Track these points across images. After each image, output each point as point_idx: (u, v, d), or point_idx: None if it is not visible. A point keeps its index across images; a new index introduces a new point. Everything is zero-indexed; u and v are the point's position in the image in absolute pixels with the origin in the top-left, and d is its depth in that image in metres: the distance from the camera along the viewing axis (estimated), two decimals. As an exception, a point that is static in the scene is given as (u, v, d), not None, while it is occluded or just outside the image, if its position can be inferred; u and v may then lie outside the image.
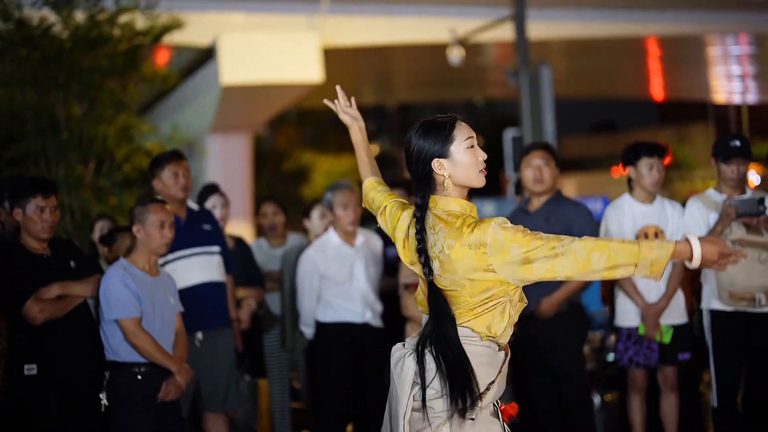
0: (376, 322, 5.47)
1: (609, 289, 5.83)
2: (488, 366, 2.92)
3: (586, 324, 5.55)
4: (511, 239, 2.85)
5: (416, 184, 3.03)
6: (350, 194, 5.44)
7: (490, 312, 2.93)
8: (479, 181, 3.01)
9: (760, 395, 5.38)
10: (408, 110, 37.46)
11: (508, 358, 3.00)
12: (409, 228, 3.06)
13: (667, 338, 5.36)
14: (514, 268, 2.86)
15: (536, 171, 5.41)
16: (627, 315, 5.43)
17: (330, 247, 5.46)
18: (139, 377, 4.51)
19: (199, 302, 5.20)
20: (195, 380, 5.08)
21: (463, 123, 3.03)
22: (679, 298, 5.46)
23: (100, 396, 4.51)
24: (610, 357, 7.20)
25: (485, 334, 2.93)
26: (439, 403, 2.90)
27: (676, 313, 5.43)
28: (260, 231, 6.95)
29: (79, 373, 4.61)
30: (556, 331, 5.31)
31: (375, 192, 3.37)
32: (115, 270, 4.56)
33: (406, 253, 3.06)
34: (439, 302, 2.94)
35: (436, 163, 2.98)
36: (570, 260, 2.85)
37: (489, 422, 2.93)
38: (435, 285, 2.94)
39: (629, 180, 6.04)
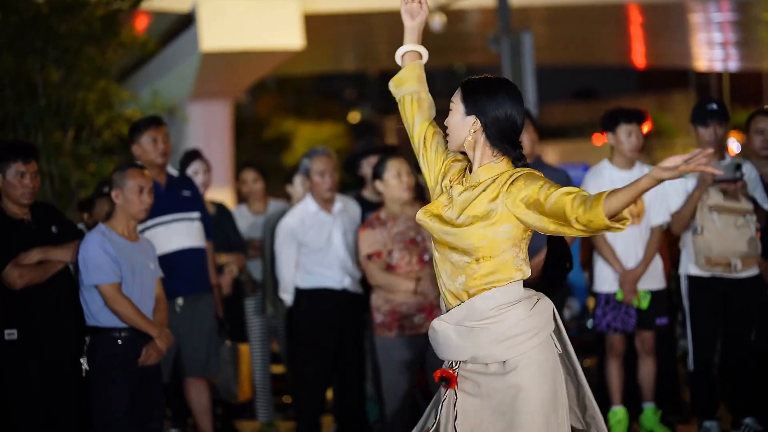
0: (355, 288, 5.48)
1: (588, 254, 5.86)
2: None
3: (565, 290, 5.59)
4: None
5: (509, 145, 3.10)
6: (327, 160, 5.43)
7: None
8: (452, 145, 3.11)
9: (735, 359, 5.46)
10: (388, 77, 37.34)
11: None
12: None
13: (644, 303, 5.41)
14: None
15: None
16: (605, 280, 5.47)
17: (307, 214, 5.46)
18: (120, 342, 4.52)
19: (179, 268, 5.20)
20: (175, 345, 5.10)
21: (458, 89, 3.11)
22: (657, 264, 5.50)
23: (81, 361, 4.52)
24: (589, 323, 7.27)
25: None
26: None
27: (653, 279, 5.48)
28: (240, 197, 6.95)
29: (59, 338, 4.62)
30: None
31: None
32: (94, 235, 4.55)
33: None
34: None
35: (471, 119, 3.08)
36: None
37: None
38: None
39: (612, 147, 6.07)
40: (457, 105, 3.09)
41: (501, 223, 2.99)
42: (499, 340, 2.98)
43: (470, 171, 3.09)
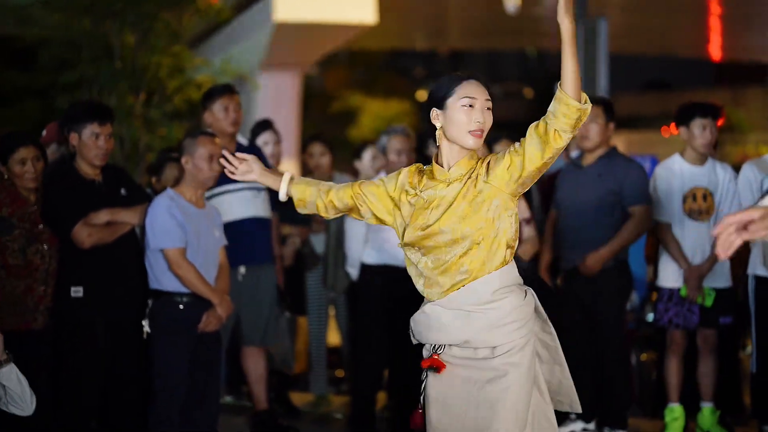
0: (420, 267, 5.47)
1: (654, 248, 5.78)
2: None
3: (630, 282, 5.52)
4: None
5: (429, 131, 3.17)
6: (405, 140, 5.41)
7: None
8: (468, 142, 3.06)
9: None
10: (459, 57, 37.11)
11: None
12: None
13: (709, 301, 5.32)
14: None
15: (582, 127, 5.31)
16: (670, 276, 5.39)
17: (380, 190, 5.46)
18: (181, 307, 4.57)
19: (243, 237, 5.24)
20: (235, 314, 5.15)
21: (475, 83, 3.08)
22: (724, 262, 5.41)
23: (143, 323, 4.60)
24: (649, 317, 7.17)
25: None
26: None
27: (719, 277, 5.38)
28: (306, 170, 6.97)
29: (123, 298, 4.70)
30: (601, 288, 5.29)
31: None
32: (162, 200, 4.60)
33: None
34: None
35: (433, 113, 3.09)
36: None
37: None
38: None
39: (684, 141, 5.96)
40: (491, 111, 3.12)
41: (490, 200, 3.05)
42: (495, 326, 3.05)
43: (439, 165, 3.12)
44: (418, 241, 3.11)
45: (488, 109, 3.08)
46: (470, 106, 3.04)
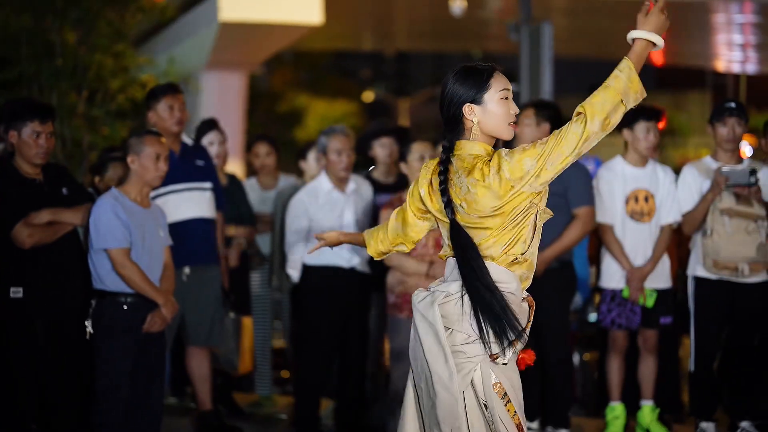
0: (363, 268, 5.49)
1: (596, 249, 5.86)
2: (519, 314, 2.96)
3: (573, 282, 5.59)
4: (520, 158, 2.93)
5: (445, 127, 3.07)
6: (345, 140, 5.42)
7: (520, 229, 2.98)
8: (508, 134, 3.04)
9: (735, 362, 5.46)
10: (405, 59, 37.22)
11: (533, 310, 3.04)
12: (432, 176, 3.08)
13: (650, 302, 5.41)
14: (534, 179, 2.93)
15: (522, 129, 5.38)
16: (612, 277, 5.47)
17: (321, 191, 5.45)
18: (125, 307, 4.53)
19: (188, 237, 5.21)
20: (180, 314, 5.12)
21: (501, 74, 3.04)
22: (665, 263, 5.50)
23: (86, 323, 4.54)
24: (592, 317, 7.27)
25: (513, 259, 2.97)
26: (472, 348, 2.93)
27: (660, 278, 5.48)
28: (251, 170, 6.94)
29: (65, 299, 4.64)
30: (544, 289, 5.34)
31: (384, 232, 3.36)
32: (107, 199, 4.55)
33: (433, 199, 3.08)
34: (460, 236, 2.97)
35: (467, 108, 3.01)
36: (571, 139, 2.92)
37: (513, 369, 2.98)
38: (456, 222, 2.98)
39: (627, 143, 6.05)
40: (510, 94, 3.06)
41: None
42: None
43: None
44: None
45: (508, 98, 3.05)
46: (506, 98, 3.02)
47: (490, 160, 2.97)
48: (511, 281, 2.97)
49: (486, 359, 2.92)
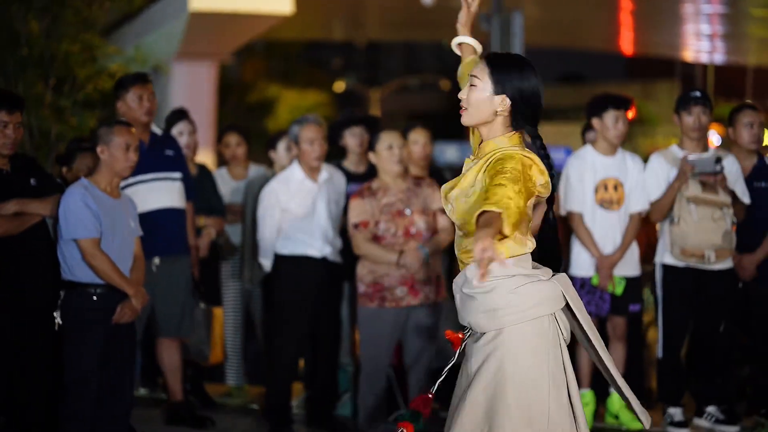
0: (335, 258, 5.49)
1: (565, 238, 5.90)
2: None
3: None
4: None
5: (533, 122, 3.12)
6: (317, 129, 5.41)
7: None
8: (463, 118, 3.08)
9: (702, 349, 5.53)
10: (376, 49, 37.17)
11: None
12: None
13: (619, 290, 5.46)
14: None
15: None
16: (582, 265, 5.51)
17: (293, 181, 5.44)
18: (95, 298, 4.50)
19: (158, 228, 5.19)
20: (150, 305, 5.10)
21: (481, 64, 3.06)
22: (633, 251, 5.55)
23: (54, 315, 4.51)
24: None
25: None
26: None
27: (629, 266, 5.53)
28: (222, 161, 6.91)
29: (33, 291, 4.60)
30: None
31: None
32: (76, 189, 4.52)
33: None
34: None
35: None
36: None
37: None
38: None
39: (583, 132, 6.11)
40: (483, 83, 3.03)
41: (480, 194, 2.98)
42: (484, 310, 3.00)
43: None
44: (450, 209, 3.13)
45: (472, 85, 3.03)
46: (473, 85, 3.03)
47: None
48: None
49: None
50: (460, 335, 3.08)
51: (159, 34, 16.84)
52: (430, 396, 3.09)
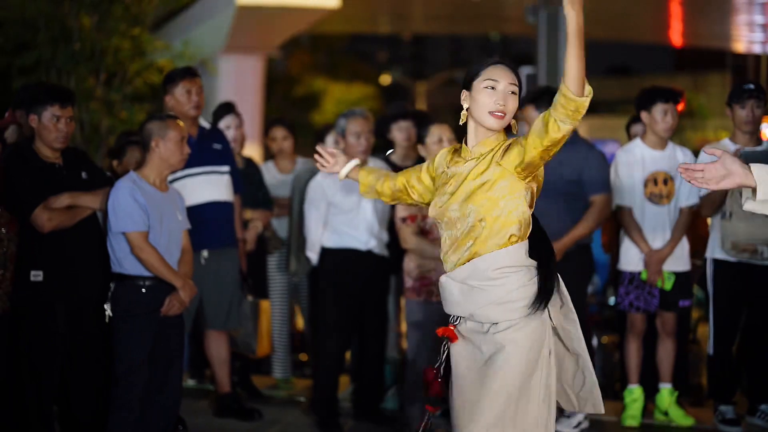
0: (381, 251, 5.49)
1: (611, 236, 5.84)
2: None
3: (591, 266, 5.57)
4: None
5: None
6: (364, 122, 5.40)
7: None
8: (489, 122, 3.18)
9: (754, 345, 5.44)
10: (422, 42, 37.12)
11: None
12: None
13: (668, 285, 5.39)
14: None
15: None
16: (631, 260, 5.45)
17: (339, 174, 5.44)
18: (144, 290, 4.55)
19: (206, 221, 5.22)
20: (198, 297, 5.14)
21: (502, 67, 3.18)
22: (684, 246, 5.47)
23: (105, 307, 4.56)
24: (611, 300, 7.25)
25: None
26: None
27: (679, 261, 5.45)
28: (268, 154, 6.94)
29: (84, 283, 4.66)
30: (562, 272, 5.30)
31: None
32: (125, 183, 4.56)
33: None
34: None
35: (463, 94, 3.21)
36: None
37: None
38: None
39: (628, 126, 6.03)
40: (518, 91, 3.21)
41: (497, 181, 3.14)
42: (496, 302, 3.13)
43: (465, 144, 3.26)
44: (438, 216, 3.25)
45: (512, 93, 3.18)
46: (492, 88, 3.15)
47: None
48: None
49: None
50: (452, 327, 3.20)
51: (206, 28, 16.96)
52: (432, 370, 3.22)
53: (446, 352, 3.19)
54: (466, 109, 3.20)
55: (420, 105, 27.04)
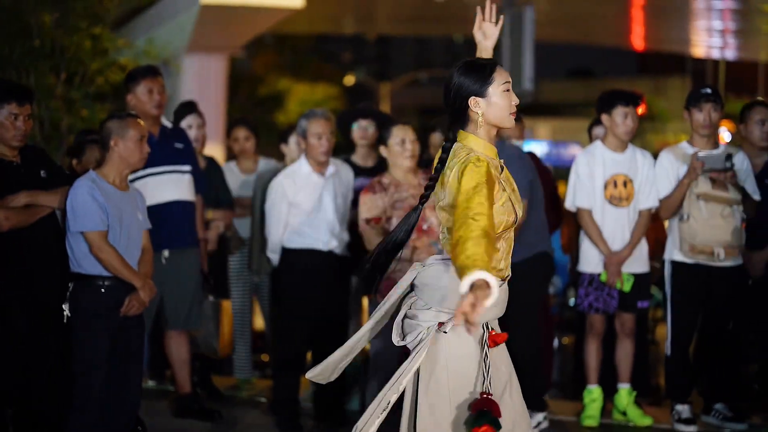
0: (342, 252, 5.49)
1: (569, 239, 5.89)
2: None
3: (550, 271, 5.60)
4: (463, 184, 3.01)
5: (450, 118, 3.23)
6: (326, 123, 5.40)
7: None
8: (510, 122, 3.24)
9: (711, 346, 5.52)
10: (386, 43, 37.18)
11: (501, 285, 3.18)
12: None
13: (627, 286, 5.45)
14: (445, 202, 3.13)
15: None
16: (591, 261, 5.50)
17: (300, 175, 5.44)
18: (103, 290, 4.51)
19: (167, 220, 5.20)
20: (159, 297, 5.11)
21: (502, 68, 3.24)
22: (642, 248, 5.54)
23: (63, 307, 4.52)
24: (571, 301, 7.31)
25: None
26: (425, 314, 3.18)
27: (638, 262, 5.51)
28: (231, 154, 6.92)
29: (43, 283, 4.61)
30: (521, 277, 5.33)
31: None
32: (84, 181, 4.53)
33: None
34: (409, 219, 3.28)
35: (472, 101, 3.18)
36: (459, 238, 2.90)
37: (466, 342, 3.12)
38: (418, 207, 3.27)
39: (589, 128, 6.10)
40: None
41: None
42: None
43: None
44: (521, 220, 3.37)
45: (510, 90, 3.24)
46: (507, 90, 3.20)
47: (467, 159, 3.09)
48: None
49: (433, 328, 3.15)
50: (493, 332, 3.20)
51: (169, 27, 16.85)
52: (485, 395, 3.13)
53: (489, 366, 3.14)
54: (482, 115, 3.16)
55: (384, 106, 27.04)
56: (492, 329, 3.19)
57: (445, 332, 3.12)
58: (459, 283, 2.82)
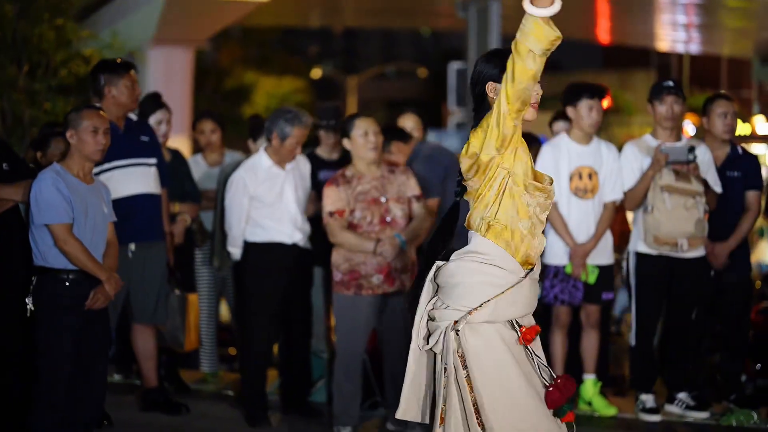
0: (305, 244, 5.49)
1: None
2: (487, 285, 3.05)
3: None
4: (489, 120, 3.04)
5: (473, 105, 3.20)
6: (306, 131, 5.39)
7: (500, 201, 3.08)
8: (531, 114, 3.15)
9: (674, 336, 5.58)
10: (353, 36, 37.11)
11: (526, 278, 3.10)
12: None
13: (592, 278, 5.49)
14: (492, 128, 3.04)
15: None
16: (556, 253, 5.54)
17: (260, 168, 5.41)
18: (67, 284, 4.47)
19: (133, 213, 5.17)
20: (125, 291, 5.08)
21: None
22: (607, 240, 5.59)
23: (26, 300, 4.48)
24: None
25: (504, 243, 3.07)
26: (443, 314, 3.10)
27: (602, 254, 5.56)
28: (197, 147, 6.88)
29: (6, 276, 4.57)
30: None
31: None
32: (48, 174, 4.48)
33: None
34: (448, 216, 3.20)
35: (490, 86, 3.14)
36: (510, 79, 2.98)
37: (485, 339, 3.04)
38: (456, 203, 3.20)
39: (550, 123, 6.15)
40: None
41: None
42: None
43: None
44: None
45: None
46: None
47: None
48: (490, 251, 3.06)
49: (449, 326, 3.06)
50: (523, 329, 3.12)
51: (135, 18, 16.71)
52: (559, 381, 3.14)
53: (533, 355, 3.13)
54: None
55: (351, 99, 27.05)
56: (522, 326, 3.09)
57: (457, 330, 3.03)
58: (473, 280, 2.98)
